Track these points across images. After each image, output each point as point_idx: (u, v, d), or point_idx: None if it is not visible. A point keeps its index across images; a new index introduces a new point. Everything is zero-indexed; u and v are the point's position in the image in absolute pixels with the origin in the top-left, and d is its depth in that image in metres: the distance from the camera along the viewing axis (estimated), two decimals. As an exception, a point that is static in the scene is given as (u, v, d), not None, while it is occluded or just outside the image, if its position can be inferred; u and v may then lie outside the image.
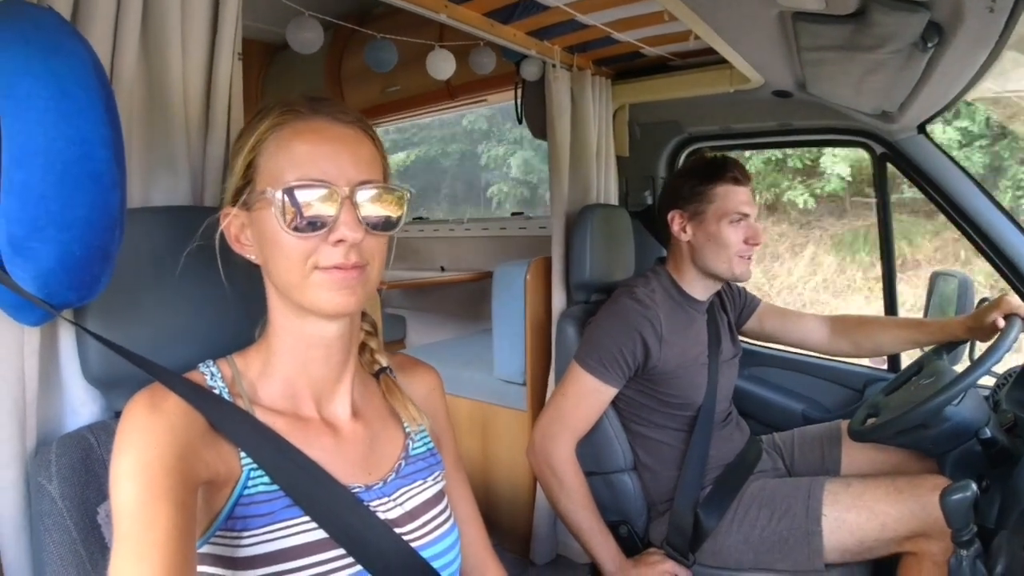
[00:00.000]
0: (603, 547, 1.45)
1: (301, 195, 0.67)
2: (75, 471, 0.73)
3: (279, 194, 0.67)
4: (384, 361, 0.89)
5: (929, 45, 0.97)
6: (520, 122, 2.30)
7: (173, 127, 0.92)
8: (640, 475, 1.58)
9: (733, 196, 1.51)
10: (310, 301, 0.70)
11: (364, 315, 0.87)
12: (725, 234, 1.51)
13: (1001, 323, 1.36)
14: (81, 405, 0.83)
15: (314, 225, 0.68)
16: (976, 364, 1.24)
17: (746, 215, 1.51)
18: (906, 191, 6.46)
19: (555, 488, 1.48)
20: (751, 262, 1.53)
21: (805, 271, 7.74)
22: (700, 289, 1.59)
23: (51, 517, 0.71)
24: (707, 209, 1.53)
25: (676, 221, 1.58)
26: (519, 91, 2.30)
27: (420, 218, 3.84)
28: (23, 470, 0.76)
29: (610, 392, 1.49)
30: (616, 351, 1.46)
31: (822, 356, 2.12)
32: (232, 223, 0.74)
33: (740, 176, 1.52)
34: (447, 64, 1.99)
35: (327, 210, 0.68)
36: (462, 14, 1.55)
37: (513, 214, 3.35)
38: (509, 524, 2.20)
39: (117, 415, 0.83)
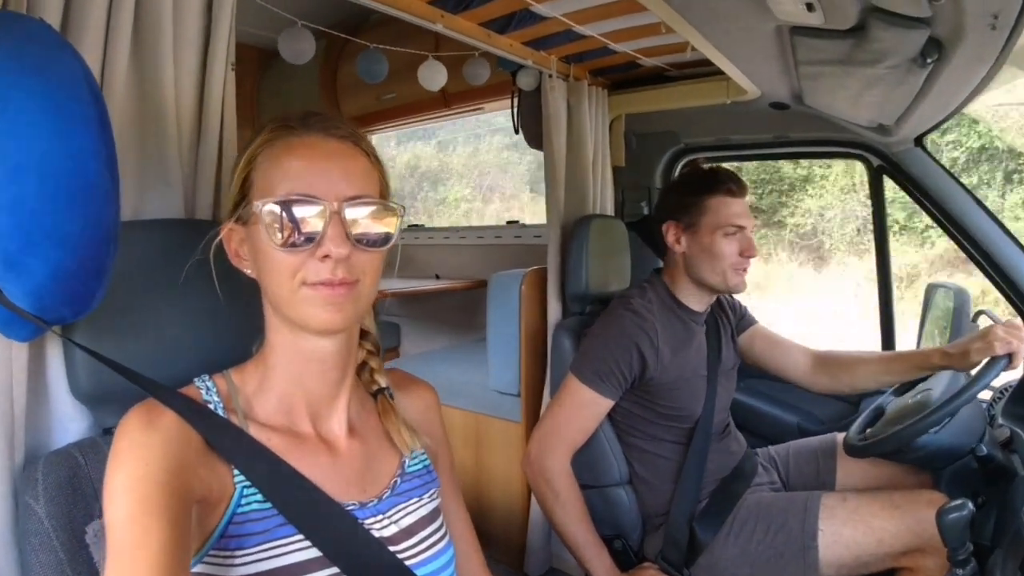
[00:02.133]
0: (597, 560, 1.44)
1: (288, 210, 0.67)
2: (62, 490, 0.72)
3: (267, 209, 0.67)
4: (383, 381, 0.89)
5: (928, 61, 0.97)
6: (516, 132, 2.30)
7: (165, 139, 0.91)
8: (635, 488, 1.57)
9: (727, 208, 1.50)
10: (299, 317, 0.70)
11: (367, 335, 0.86)
12: (719, 246, 1.50)
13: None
14: (70, 421, 0.82)
15: (301, 241, 0.67)
16: (953, 397, 1.21)
17: (741, 227, 1.50)
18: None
19: (550, 500, 1.47)
20: (746, 273, 1.53)
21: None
22: (696, 300, 1.58)
23: (38, 536, 0.70)
24: (701, 221, 1.52)
25: (671, 232, 1.57)
26: (515, 101, 2.30)
27: (415, 226, 3.83)
28: (11, 486, 0.75)
29: (606, 404, 1.48)
30: (612, 363, 1.45)
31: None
32: (231, 238, 0.75)
33: (735, 188, 1.52)
34: (438, 76, 2.00)
35: (314, 225, 0.67)
36: (459, 24, 1.55)
37: (508, 223, 3.34)
38: (503, 536, 2.19)
39: (105, 432, 0.83)
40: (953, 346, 1.39)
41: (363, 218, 0.70)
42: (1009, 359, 1.27)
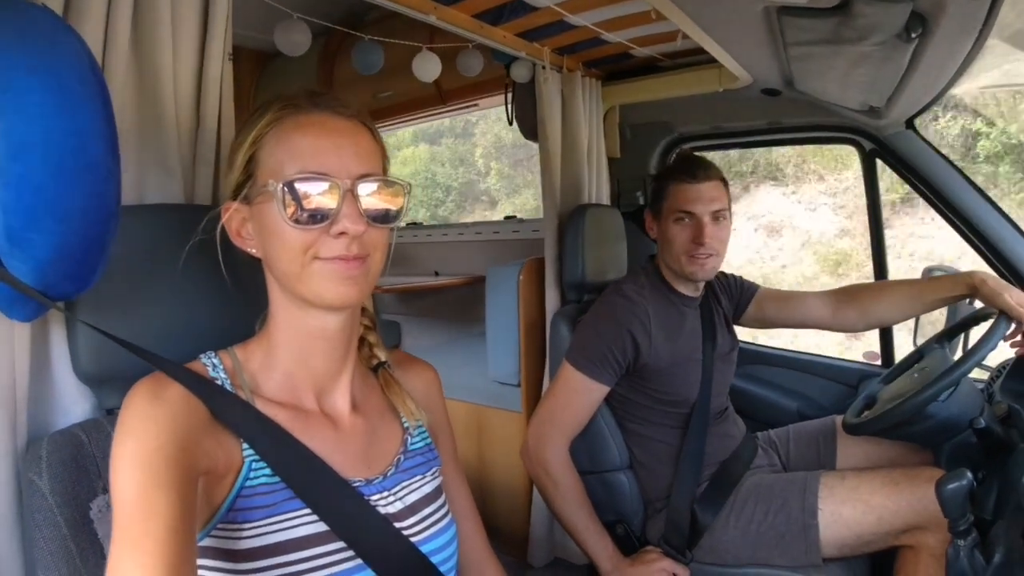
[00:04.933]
0: (599, 546, 1.44)
1: (303, 188, 0.68)
2: (66, 467, 0.73)
3: (281, 187, 0.67)
4: (383, 355, 0.90)
5: (913, 36, 0.98)
6: (511, 124, 2.31)
7: (164, 126, 0.92)
8: (636, 473, 1.58)
9: (680, 194, 1.51)
10: (311, 292, 0.70)
11: (363, 309, 0.87)
12: (671, 232, 1.52)
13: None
14: (72, 403, 0.83)
15: (316, 218, 0.68)
16: (959, 362, 1.23)
17: (691, 213, 1.49)
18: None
19: (549, 489, 1.48)
20: (708, 261, 1.50)
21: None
22: (683, 285, 1.59)
23: (41, 513, 0.71)
24: (663, 207, 1.55)
25: (647, 219, 1.62)
26: (510, 93, 2.31)
27: (414, 223, 3.84)
28: (14, 467, 0.76)
29: (602, 390, 1.48)
30: (606, 349, 1.46)
31: (817, 353, 2.13)
32: (233, 218, 0.75)
33: (693, 173, 1.50)
34: (432, 66, 2.00)
35: (329, 203, 0.68)
36: (451, 16, 1.56)
37: (506, 218, 3.35)
38: (506, 527, 2.19)
39: (108, 413, 0.83)
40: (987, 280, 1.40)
41: (373, 195, 0.71)
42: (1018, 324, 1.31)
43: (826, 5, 1.00)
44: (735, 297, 1.75)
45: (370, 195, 0.71)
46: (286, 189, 0.67)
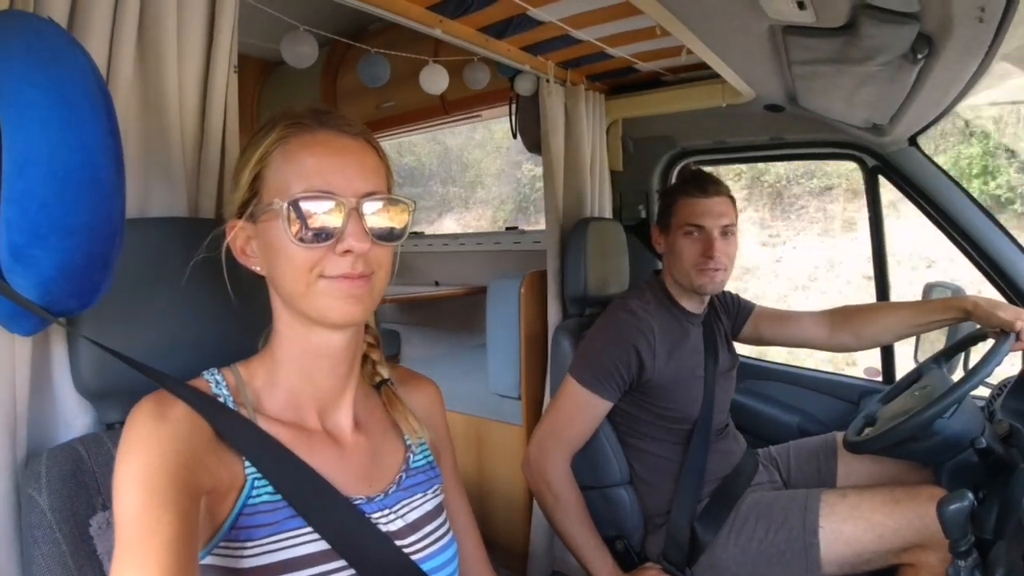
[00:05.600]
0: (599, 562, 1.43)
1: (308, 206, 0.68)
2: (65, 483, 0.72)
3: (286, 206, 0.68)
4: (386, 373, 0.90)
5: (919, 56, 0.98)
6: (514, 137, 2.31)
7: (169, 139, 0.92)
8: (637, 489, 1.57)
9: (688, 208, 1.53)
10: (316, 310, 0.70)
11: (367, 327, 0.87)
12: (680, 246, 1.53)
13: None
14: (73, 417, 0.82)
15: (321, 236, 0.68)
16: (965, 378, 1.23)
17: (699, 227, 1.51)
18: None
19: (550, 503, 1.47)
20: (716, 275, 1.51)
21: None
22: (688, 301, 1.59)
23: (40, 529, 0.70)
24: (671, 221, 1.57)
25: (655, 234, 1.63)
26: (513, 106, 2.32)
27: (416, 233, 3.83)
28: (13, 481, 0.75)
29: (605, 406, 1.48)
30: (610, 364, 1.46)
31: (817, 369, 2.12)
32: (238, 236, 0.75)
33: (703, 188, 1.52)
34: (440, 79, 2.00)
35: (334, 221, 0.68)
36: (456, 29, 1.57)
37: (507, 228, 3.35)
38: (505, 540, 2.18)
39: (109, 428, 0.83)
40: (980, 302, 1.41)
41: (378, 213, 0.71)
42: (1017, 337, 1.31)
43: (832, 25, 1.01)
44: (732, 314, 1.76)
45: (375, 213, 0.71)
46: (291, 207, 0.67)
